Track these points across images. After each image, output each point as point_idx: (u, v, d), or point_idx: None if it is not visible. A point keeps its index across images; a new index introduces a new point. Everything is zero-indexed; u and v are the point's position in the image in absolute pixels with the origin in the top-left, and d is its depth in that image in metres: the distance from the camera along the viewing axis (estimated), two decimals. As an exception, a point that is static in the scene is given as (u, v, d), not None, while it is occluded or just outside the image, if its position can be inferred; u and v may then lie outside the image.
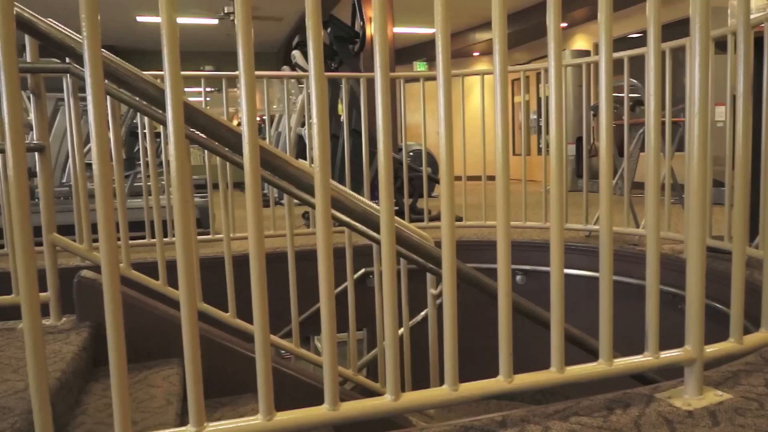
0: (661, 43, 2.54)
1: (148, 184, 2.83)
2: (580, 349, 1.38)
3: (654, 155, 1.04)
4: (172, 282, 1.96)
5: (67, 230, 2.12)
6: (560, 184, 0.92)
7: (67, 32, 1.00)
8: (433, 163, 5.30)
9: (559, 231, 0.94)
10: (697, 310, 0.99)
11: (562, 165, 0.94)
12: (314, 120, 0.81)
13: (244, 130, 0.79)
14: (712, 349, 1.02)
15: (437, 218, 3.71)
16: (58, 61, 1.92)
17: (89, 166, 3.73)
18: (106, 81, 1.33)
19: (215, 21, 8.73)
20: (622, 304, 1.84)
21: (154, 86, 0.97)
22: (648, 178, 1.04)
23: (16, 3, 0.94)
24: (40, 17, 0.97)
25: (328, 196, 0.82)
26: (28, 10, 0.98)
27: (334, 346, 0.84)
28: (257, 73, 3.21)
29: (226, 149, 1.69)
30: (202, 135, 1.39)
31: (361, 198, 1.80)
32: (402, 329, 2.01)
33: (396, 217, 1.98)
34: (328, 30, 3.79)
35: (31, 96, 1.65)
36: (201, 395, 0.83)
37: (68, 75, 1.67)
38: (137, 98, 1.22)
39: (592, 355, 1.02)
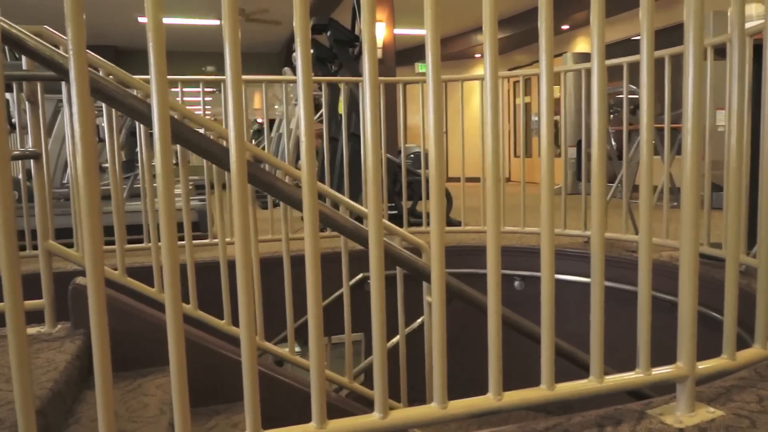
0: (661, 50, 2.54)
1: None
2: (573, 364, 1.38)
3: (646, 164, 1.03)
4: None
5: (68, 233, 2.11)
6: (550, 223, 0.92)
7: (55, 49, 0.99)
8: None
9: (550, 256, 0.93)
10: (689, 327, 0.98)
11: (551, 185, 0.94)
12: (302, 138, 0.80)
13: (231, 148, 0.78)
14: (704, 366, 1.02)
15: (436, 222, 3.70)
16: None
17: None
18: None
19: (217, 22, 8.74)
20: (620, 312, 1.84)
21: (143, 102, 0.97)
22: (641, 188, 1.04)
23: (3, 19, 0.95)
24: (28, 33, 0.97)
25: (316, 213, 0.81)
26: (16, 26, 0.97)
27: (322, 366, 0.84)
28: (257, 77, 3.21)
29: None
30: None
31: (356, 206, 1.80)
32: (398, 337, 2.00)
33: (389, 223, 1.98)
34: (328, 33, 3.79)
35: (26, 103, 1.65)
36: (187, 411, 0.83)
37: (63, 82, 1.67)
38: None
39: (585, 370, 1.02)
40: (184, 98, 3.14)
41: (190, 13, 8.49)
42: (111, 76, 1.85)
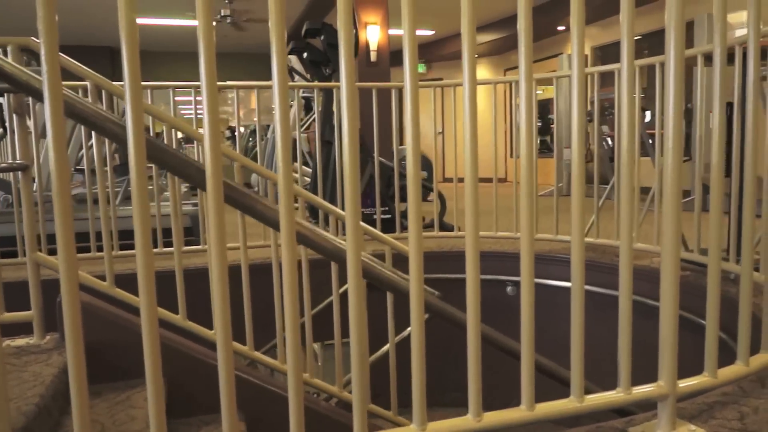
0: (652, 57, 2.53)
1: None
2: (555, 381, 1.38)
3: (626, 171, 1.03)
4: (159, 299, 1.96)
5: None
6: (530, 231, 0.92)
7: (31, 74, 0.99)
8: (427, 166, 5.28)
9: (530, 277, 0.93)
10: (670, 346, 0.98)
11: (532, 192, 0.94)
12: (278, 162, 0.80)
13: (208, 172, 0.78)
14: (685, 384, 1.02)
15: (430, 226, 3.70)
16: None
17: (79, 171, 3.68)
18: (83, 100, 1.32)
19: (212, 23, 8.72)
20: (611, 316, 1.84)
21: (121, 126, 0.97)
22: (621, 199, 1.04)
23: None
24: (3, 58, 0.96)
25: (293, 236, 0.81)
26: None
27: (301, 397, 0.84)
28: (246, 83, 3.21)
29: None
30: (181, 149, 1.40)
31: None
32: (387, 346, 2.00)
33: (377, 232, 1.97)
34: (321, 37, 3.78)
35: (14, 115, 1.64)
36: (163, 421, 0.83)
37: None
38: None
39: (568, 386, 1.02)
40: (176, 98, 3.13)
41: (185, 14, 8.47)
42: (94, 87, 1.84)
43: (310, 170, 5.24)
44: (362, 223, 2.15)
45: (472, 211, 0.87)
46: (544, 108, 9.47)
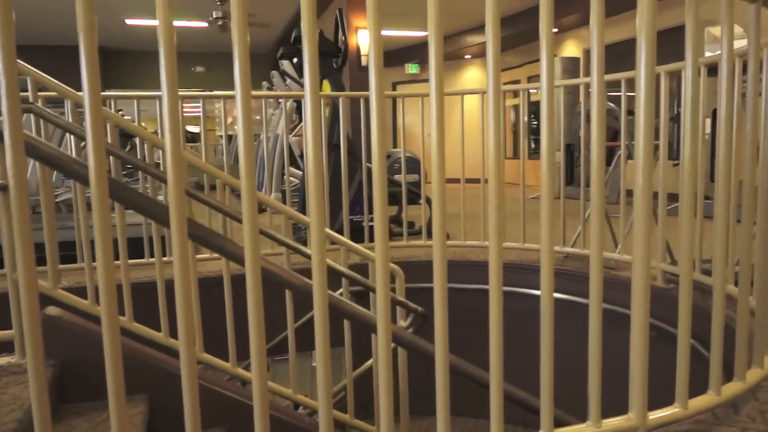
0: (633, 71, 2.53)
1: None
2: (527, 411, 1.38)
3: (597, 181, 1.03)
4: (146, 312, 1.95)
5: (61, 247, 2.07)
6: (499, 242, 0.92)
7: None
8: (416, 168, 5.28)
9: (499, 297, 0.93)
10: (639, 379, 0.99)
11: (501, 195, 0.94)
12: (243, 184, 0.80)
13: (172, 204, 0.78)
14: (655, 416, 1.02)
15: (418, 233, 3.70)
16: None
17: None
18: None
19: (205, 24, 8.70)
20: (603, 331, 1.85)
21: (86, 166, 0.97)
22: (592, 209, 1.04)
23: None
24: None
25: (258, 274, 0.81)
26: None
27: (266, 414, 0.84)
28: (229, 92, 3.19)
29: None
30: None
31: (335, 235, 1.79)
32: (371, 360, 2.01)
33: (363, 249, 1.97)
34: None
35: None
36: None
37: (32, 114, 1.66)
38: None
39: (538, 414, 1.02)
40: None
41: (180, 15, 8.45)
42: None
43: (300, 172, 5.24)
44: (347, 240, 2.15)
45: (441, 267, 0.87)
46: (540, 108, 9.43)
